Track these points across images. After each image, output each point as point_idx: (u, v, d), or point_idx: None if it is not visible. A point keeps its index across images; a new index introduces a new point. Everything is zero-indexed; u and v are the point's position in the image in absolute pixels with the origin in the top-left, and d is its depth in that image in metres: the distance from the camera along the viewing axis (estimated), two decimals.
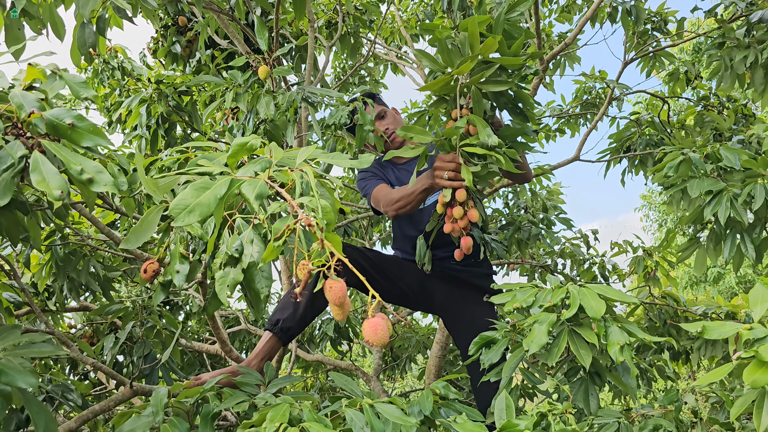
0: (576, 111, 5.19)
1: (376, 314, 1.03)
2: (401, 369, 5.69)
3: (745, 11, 3.69)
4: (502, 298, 1.80)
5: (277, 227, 0.94)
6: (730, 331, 1.42)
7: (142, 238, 1.06)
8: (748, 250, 2.40)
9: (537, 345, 1.54)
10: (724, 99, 4.28)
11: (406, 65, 5.70)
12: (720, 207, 2.35)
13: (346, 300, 0.99)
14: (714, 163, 2.55)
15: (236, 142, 1.01)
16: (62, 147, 0.95)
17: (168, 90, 3.31)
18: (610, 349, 1.48)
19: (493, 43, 1.74)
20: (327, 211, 0.96)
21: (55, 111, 0.97)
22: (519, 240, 3.60)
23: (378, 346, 1.04)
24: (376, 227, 5.56)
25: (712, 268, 14.27)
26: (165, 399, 1.29)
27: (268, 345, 2.33)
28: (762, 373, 1.21)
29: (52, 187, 0.89)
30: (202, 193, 0.88)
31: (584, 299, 1.58)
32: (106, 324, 3.28)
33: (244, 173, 0.97)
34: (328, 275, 0.96)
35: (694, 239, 2.69)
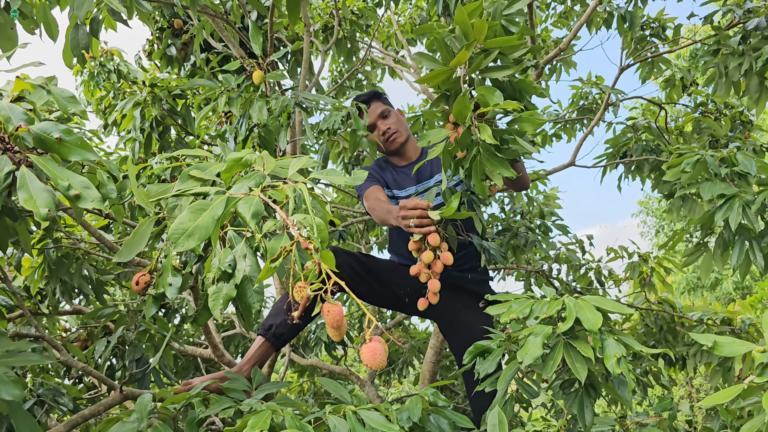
0: (572, 116, 5.19)
1: (373, 338, 1.02)
2: (397, 373, 5.68)
3: (743, 18, 3.69)
4: (498, 309, 1.78)
5: (273, 247, 0.92)
6: (741, 350, 1.40)
7: (135, 249, 1.04)
8: (757, 258, 2.39)
9: (531, 357, 1.53)
10: (722, 106, 4.29)
11: (403, 69, 5.70)
12: (732, 212, 2.32)
13: (343, 322, 0.97)
14: (729, 167, 2.52)
15: (231, 156, 1.00)
16: (50, 161, 0.94)
17: (162, 93, 3.29)
18: (607, 362, 1.46)
19: (483, 26, 1.71)
20: (321, 229, 0.95)
21: (43, 125, 0.96)
22: (515, 246, 3.59)
23: (377, 369, 1.03)
24: (372, 231, 5.55)
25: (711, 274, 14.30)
26: (150, 405, 1.28)
27: (260, 350, 2.32)
28: None
29: (39, 206, 0.88)
30: (199, 215, 0.87)
31: (581, 312, 1.57)
32: (99, 327, 3.27)
33: (238, 189, 0.96)
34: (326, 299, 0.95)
35: (701, 244, 2.67)
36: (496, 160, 1.82)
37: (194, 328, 4.95)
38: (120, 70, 4.71)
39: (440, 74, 1.84)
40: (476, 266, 2.66)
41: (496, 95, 1.76)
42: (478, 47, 1.80)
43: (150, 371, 2.90)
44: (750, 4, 3.69)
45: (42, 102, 1.06)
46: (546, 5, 5.30)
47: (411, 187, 2.69)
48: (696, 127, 4.18)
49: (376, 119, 2.67)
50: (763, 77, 3.58)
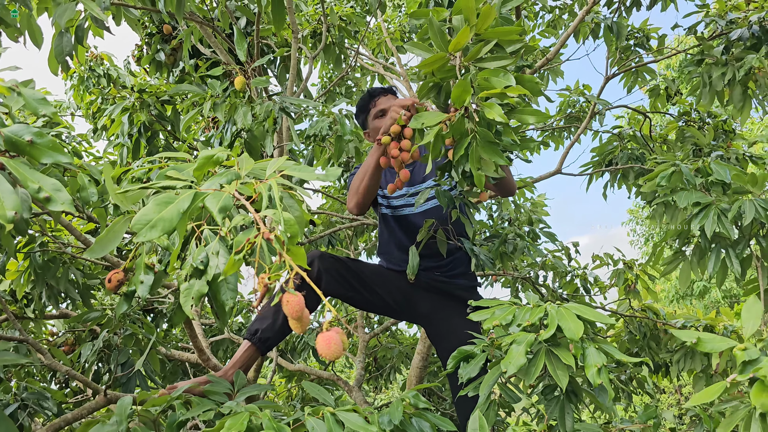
0: (560, 124, 5.24)
1: (331, 328, 1.04)
2: (385, 379, 5.69)
3: (725, 29, 3.75)
4: (481, 315, 1.81)
5: (239, 240, 0.94)
6: (722, 346, 1.43)
7: (108, 247, 1.06)
8: (734, 265, 2.43)
9: (515, 366, 1.55)
10: (705, 115, 4.34)
11: (393, 77, 5.73)
12: (707, 220, 2.36)
13: (303, 313, 0.99)
14: (704, 177, 2.57)
15: (203, 154, 1.02)
16: (21, 164, 0.95)
17: (150, 99, 3.31)
18: (587, 372, 1.48)
19: (490, 12, 1.65)
20: (291, 224, 0.97)
21: (15, 127, 0.97)
22: (503, 252, 3.62)
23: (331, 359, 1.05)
24: (361, 237, 5.57)
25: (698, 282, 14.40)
26: (129, 408, 1.30)
27: (246, 354, 2.33)
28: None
29: (6, 208, 0.89)
30: (164, 208, 0.88)
31: (562, 320, 1.59)
32: (86, 331, 3.27)
33: (210, 186, 0.98)
34: (286, 289, 0.97)
35: (679, 252, 2.71)
36: (491, 148, 1.75)
37: (182, 334, 4.94)
38: (109, 74, 4.73)
39: (437, 60, 1.77)
40: (465, 272, 2.67)
41: (504, 77, 1.67)
42: (474, 37, 1.74)
43: (135, 375, 2.90)
44: (732, 15, 3.75)
45: (18, 106, 1.08)
46: (535, 14, 5.37)
47: (402, 188, 2.69)
48: (680, 135, 4.23)
49: (388, 108, 2.59)
50: (746, 86, 3.64)
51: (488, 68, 1.74)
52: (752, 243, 2.46)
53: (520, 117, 1.81)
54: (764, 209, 2.28)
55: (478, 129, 1.72)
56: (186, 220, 0.91)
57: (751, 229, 2.39)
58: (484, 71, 1.72)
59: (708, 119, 4.17)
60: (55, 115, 1.04)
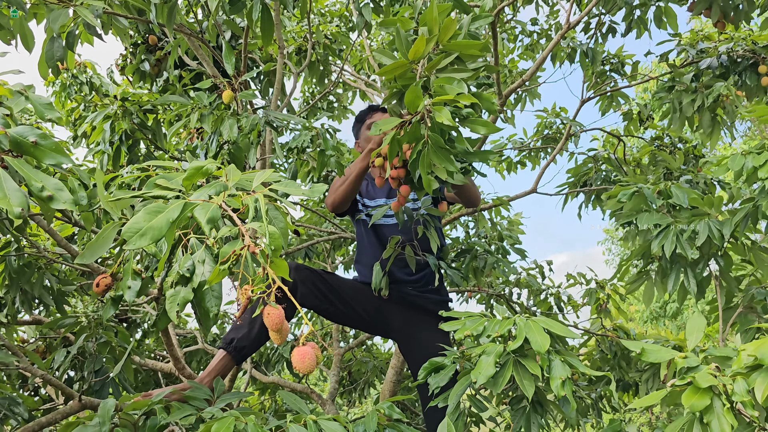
0: (537, 145, 5.35)
1: (307, 343, 1.08)
2: (359, 393, 5.70)
3: (696, 58, 3.90)
4: (452, 325, 1.86)
5: (225, 251, 0.98)
6: (666, 357, 1.52)
7: (98, 253, 1.09)
8: (691, 284, 2.53)
9: (484, 376, 1.60)
10: (676, 140, 4.48)
11: (374, 93, 5.81)
12: (667, 241, 2.46)
13: (284, 326, 1.03)
14: (665, 200, 2.68)
15: (192, 165, 1.06)
16: (24, 163, 0.99)
17: (133, 108, 3.33)
18: (552, 384, 1.54)
19: (452, 24, 1.70)
20: (275, 238, 1.01)
21: (20, 129, 1.01)
22: (475, 268, 3.68)
23: (305, 373, 1.09)
24: (338, 251, 5.60)
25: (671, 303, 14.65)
26: (112, 410, 1.31)
27: (221, 363, 2.34)
28: (699, 398, 1.30)
29: (13, 205, 0.92)
30: (154, 217, 0.92)
31: (530, 332, 1.65)
32: (59, 339, 3.24)
33: (199, 196, 1.01)
34: (267, 302, 1.00)
35: (643, 272, 2.81)
36: (442, 154, 1.78)
37: (156, 344, 4.91)
38: (92, 82, 4.73)
39: (398, 67, 1.82)
40: (436, 287, 2.73)
41: (457, 84, 1.71)
42: (438, 48, 1.79)
43: (109, 383, 2.89)
44: (702, 45, 3.89)
45: (19, 108, 1.11)
46: (514, 37, 5.49)
47: (381, 198, 2.75)
48: (652, 159, 4.36)
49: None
50: (715, 113, 3.77)
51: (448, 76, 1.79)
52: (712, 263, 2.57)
53: (472, 126, 1.85)
54: (718, 230, 2.38)
55: (430, 134, 1.76)
56: (174, 229, 0.95)
57: (710, 249, 2.49)
58: (440, 79, 1.77)
59: (679, 144, 4.31)
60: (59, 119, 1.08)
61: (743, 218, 2.40)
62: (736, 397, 1.30)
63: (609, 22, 4.38)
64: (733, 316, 2.58)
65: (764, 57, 3.63)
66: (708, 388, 1.33)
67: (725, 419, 1.29)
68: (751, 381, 1.33)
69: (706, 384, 1.32)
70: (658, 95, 3.83)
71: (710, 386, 1.33)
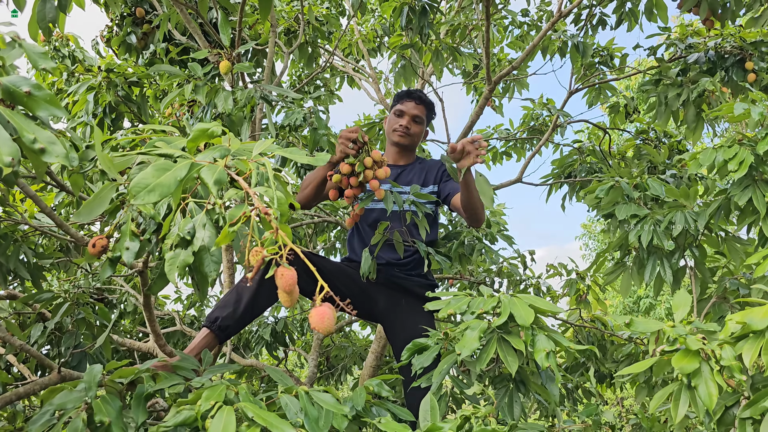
0: (523, 135, 5.37)
1: (323, 304, 1.06)
2: (336, 379, 5.69)
3: (684, 53, 3.93)
4: (437, 304, 1.86)
5: (233, 213, 0.96)
6: (653, 327, 1.54)
7: (95, 212, 1.06)
8: (667, 275, 2.58)
9: (468, 349, 1.61)
10: (661, 134, 4.53)
11: (362, 78, 5.77)
12: (644, 232, 2.52)
13: (295, 288, 1.02)
14: (642, 192, 2.74)
15: (198, 127, 1.03)
16: (16, 114, 0.95)
17: (118, 79, 3.26)
18: (536, 355, 1.55)
19: None
20: (281, 203, 0.99)
21: (13, 78, 0.97)
22: (461, 254, 3.68)
23: (324, 333, 1.08)
24: (320, 236, 5.57)
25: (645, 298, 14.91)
26: (99, 375, 1.29)
27: (204, 341, 2.31)
28: (688, 361, 1.33)
29: (3, 153, 0.88)
30: (162, 174, 0.90)
31: (514, 308, 1.66)
32: (34, 315, 3.17)
33: (203, 158, 0.99)
34: (281, 263, 0.99)
35: (620, 263, 2.86)
36: None
37: (132, 325, 4.84)
38: (75, 56, 4.62)
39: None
40: (423, 271, 2.73)
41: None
42: None
43: (86, 359, 2.84)
44: (691, 40, 3.93)
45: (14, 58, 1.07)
46: (504, 28, 5.49)
47: (386, 184, 2.75)
48: (637, 153, 4.40)
49: (409, 113, 2.71)
50: (700, 108, 3.81)
51: None
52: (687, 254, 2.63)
53: None
54: (694, 220, 2.44)
55: None
56: (181, 189, 0.93)
57: (685, 240, 2.54)
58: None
59: (664, 139, 4.35)
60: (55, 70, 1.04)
61: (717, 209, 2.46)
62: (724, 362, 1.33)
63: (600, 13, 4.40)
64: (707, 307, 2.63)
65: (751, 53, 3.68)
66: (696, 352, 1.36)
67: (712, 382, 1.31)
68: (738, 348, 1.36)
69: (696, 347, 1.35)
70: (644, 88, 3.86)
71: (698, 351, 1.36)
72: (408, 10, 3.92)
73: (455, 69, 5.64)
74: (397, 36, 4.61)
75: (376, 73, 5.67)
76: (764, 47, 3.70)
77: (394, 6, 4.00)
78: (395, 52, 4.66)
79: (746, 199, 2.29)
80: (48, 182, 1.67)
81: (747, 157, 2.25)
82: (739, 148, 2.29)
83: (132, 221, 1.15)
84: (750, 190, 2.31)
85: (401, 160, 2.80)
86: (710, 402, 1.29)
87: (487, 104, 4.18)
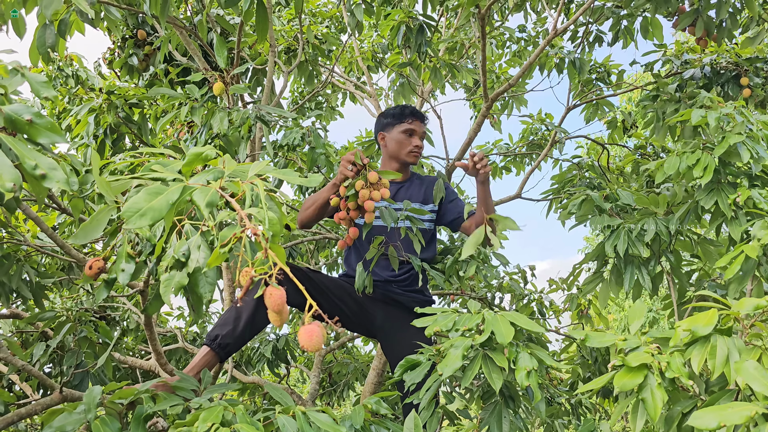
0: (522, 150, 5.40)
1: (312, 322, 1.08)
2: (339, 395, 5.68)
3: (680, 69, 3.96)
4: (424, 321, 1.88)
5: (224, 234, 0.98)
6: (606, 341, 1.57)
7: (92, 235, 1.08)
8: (645, 281, 2.61)
9: (451, 369, 1.63)
10: (659, 149, 4.54)
11: (363, 95, 5.82)
12: (619, 241, 2.56)
13: (284, 308, 1.03)
14: (613, 203, 2.82)
15: (192, 151, 1.06)
16: (18, 141, 0.98)
17: (119, 101, 3.30)
18: (517, 374, 1.57)
19: None
20: (273, 223, 1.02)
21: (15, 106, 0.99)
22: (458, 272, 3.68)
23: (312, 351, 1.09)
24: (322, 252, 5.59)
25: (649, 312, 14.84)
26: (98, 397, 1.30)
27: (204, 360, 2.33)
28: (630, 378, 1.36)
29: (5, 179, 0.91)
30: (154, 198, 0.92)
31: (496, 326, 1.68)
32: (37, 333, 3.19)
33: (197, 181, 1.01)
34: (270, 283, 1.01)
35: (597, 274, 2.89)
36: None
37: (134, 342, 4.86)
38: (78, 75, 4.68)
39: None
40: (420, 287, 2.75)
41: None
42: None
43: (88, 378, 2.85)
44: (687, 56, 3.96)
45: (15, 86, 1.10)
46: (502, 44, 5.54)
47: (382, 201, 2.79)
48: (635, 168, 4.41)
49: (419, 132, 2.79)
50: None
51: None
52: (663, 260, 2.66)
53: None
54: (665, 226, 2.50)
55: None
56: (173, 212, 0.95)
57: (660, 246, 2.58)
58: None
59: (662, 153, 4.37)
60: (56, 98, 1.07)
61: (686, 213, 2.52)
62: (669, 373, 1.35)
63: (596, 31, 4.44)
64: (688, 311, 2.65)
65: (746, 69, 3.70)
66: (642, 366, 1.38)
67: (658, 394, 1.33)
68: (687, 354, 1.39)
69: (636, 363, 1.37)
70: (642, 104, 3.89)
71: (644, 364, 1.38)
72: (405, 29, 3.97)
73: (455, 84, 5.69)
74: (396, 54, 4.66)
75: (376, 90, 5.72)
76: (759, 63, 3.73)
77: (392, 25, 4.05)
78: (394, 70, 4.71)
79: (712, 202, 2.36)
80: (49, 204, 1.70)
81: (711, 163, 2.31)
82: (702, 154, 2.35)
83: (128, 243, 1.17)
84: (715, 194, 2.37)
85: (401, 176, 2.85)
86: (655, 414, 1.32)
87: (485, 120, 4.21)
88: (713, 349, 1.36)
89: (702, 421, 1.14)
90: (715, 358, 1.35)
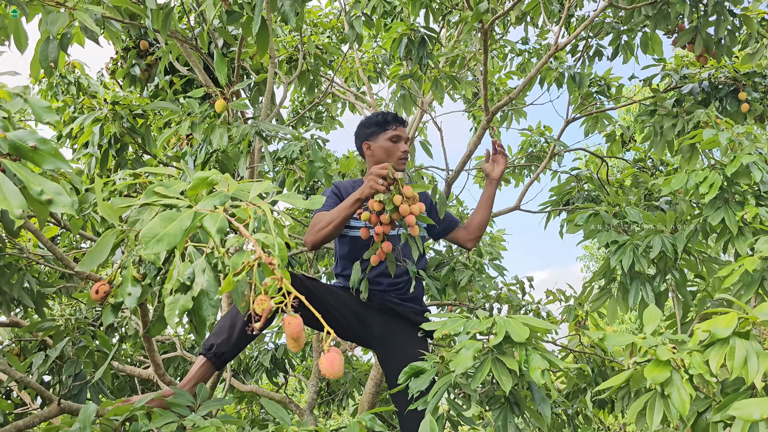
0: (521, 162, 5.42)
1: (331, 348, 1.10)
2: (337, 405, 5.68)
3: (679, 83, 3.99)
4: (433, 325, 1.89)
5: (236, 262, 1.00)
6: (626, 340, 1.59)
7: (98, 260, 1.10)
8: (650, 298, 2.63)
9: (463, 367, 1.64)
10: (658, 162, 4.57)
11: (363, 106, 5.85)
12: (624, 256, 2.60)
13: (302, 335, 1.05)
14: (620, 219, 2.85)
15: (197, 175, 1.08)
16: (23, 167, 0.99)
17: (123, 111, 3.31)
18: (532, 373, 1.59)
19: None
20: (281, 249, 1.03)
21: (19, 133, 1.01)
22: (454, 282, 3.69)
23: (334, 378, 1.12)
24: (321, 261, 5.60)
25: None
26: (93, 415, 1.31)
27: (201, 370, 2.34)
28: (660, 371, 1.38)
29: (13, 206, 0.93)
30: (169, 224, 0.94)
31: (509, 326, 1.70)
32: (35, 342, 3.20)
33: (204, 206, 1.03)
34: (286, 311, 1.03)
35: (604, 290, 2.91)
36: None
37: (133, 349, 4.86)
38: (80, 83, 4.70)
39: None
40: (417, 296, 2.77)
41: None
42: None
43: (87, 388, 2.85)
44: (686, 71, 3.99)
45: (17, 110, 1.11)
46: (504, 56, 5.58)
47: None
48: (634, 181, 4.44)
49: (403, 137, 2.79)
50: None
51: None
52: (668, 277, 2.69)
53: None
54: (671, 243, 2.53)
55: None
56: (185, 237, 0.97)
57: (666, 264, 2.60)
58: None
59: (661, 167, 4.39)
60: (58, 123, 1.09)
61: (693, 232, 2.55)
62: (692, 370, 1.38)
63: (596, 45, 4.47)
64: (690, 328, 2.67)
65: (744, 84, 3.73)
66: (667, 361, 1.41)
67: (684, 390, 1.36)
68: (706, 354, 1.42)
69: (666, 357, 1.40)
70: (641, 118, 3.92)
71: (669, 360, 1.41)
72: (407, 41, 4.00)
73: (455, 95, 5.72)
74: (397, 65, 4.69)
75: (376, 100, 5.74)
76: (757, 78, 3.76)
77: (394, 37, 4.07)
78: (395, 81, 4.73)
79: (719, 219, 2.39)
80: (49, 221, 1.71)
81: (716, 180, 2.36)
82: (710, 172, 2.38)
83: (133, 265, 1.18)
84: (722, 211, 2.40)
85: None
86: (683, 408, 1.34)
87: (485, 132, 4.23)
88: (732, 351, 1.39)
89: (744, 411, 1.18)
90: (733, 359, 1.37)
